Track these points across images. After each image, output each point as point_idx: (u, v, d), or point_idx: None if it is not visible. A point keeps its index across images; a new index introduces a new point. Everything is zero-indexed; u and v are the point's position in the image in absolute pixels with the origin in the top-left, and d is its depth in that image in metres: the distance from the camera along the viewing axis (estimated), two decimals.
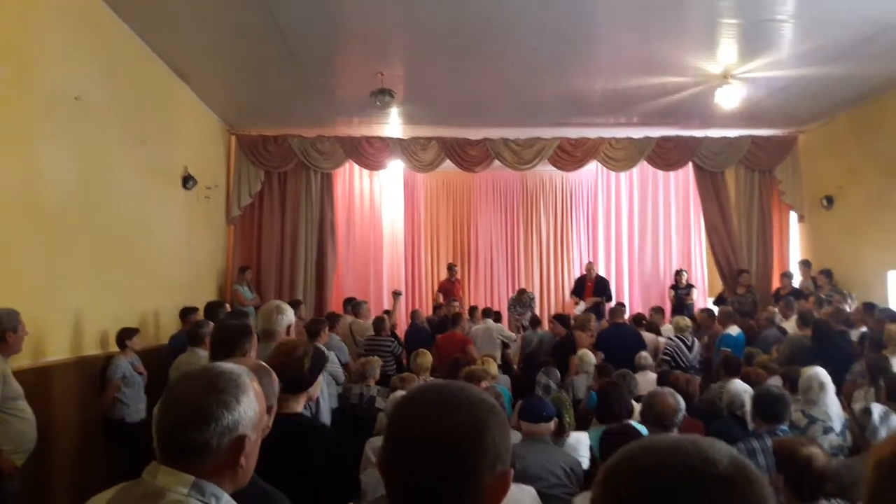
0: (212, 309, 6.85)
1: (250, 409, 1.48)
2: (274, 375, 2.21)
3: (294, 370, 2.57)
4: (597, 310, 10.44)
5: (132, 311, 6.57)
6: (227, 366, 1.55)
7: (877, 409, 3.16)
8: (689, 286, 11.32)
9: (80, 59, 5.66)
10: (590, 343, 7.63)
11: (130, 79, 6.66)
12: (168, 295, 7.60)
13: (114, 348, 5.97)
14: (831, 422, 4.16)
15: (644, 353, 6.88)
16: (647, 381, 6.03)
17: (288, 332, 3.54)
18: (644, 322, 8.41)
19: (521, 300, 11.59)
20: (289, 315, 3.56)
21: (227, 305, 7.28)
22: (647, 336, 7.96)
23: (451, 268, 11.97)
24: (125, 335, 5.92)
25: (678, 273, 11.50)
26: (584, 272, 11.94)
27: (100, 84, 5.99)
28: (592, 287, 11.50)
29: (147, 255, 7.03)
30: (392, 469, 1.13)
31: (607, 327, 8.13)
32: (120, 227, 6.38)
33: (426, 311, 11.36)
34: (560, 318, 9.03)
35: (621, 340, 7.46)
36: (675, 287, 11.37)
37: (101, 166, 6.01)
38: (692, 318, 8.94)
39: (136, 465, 1.54)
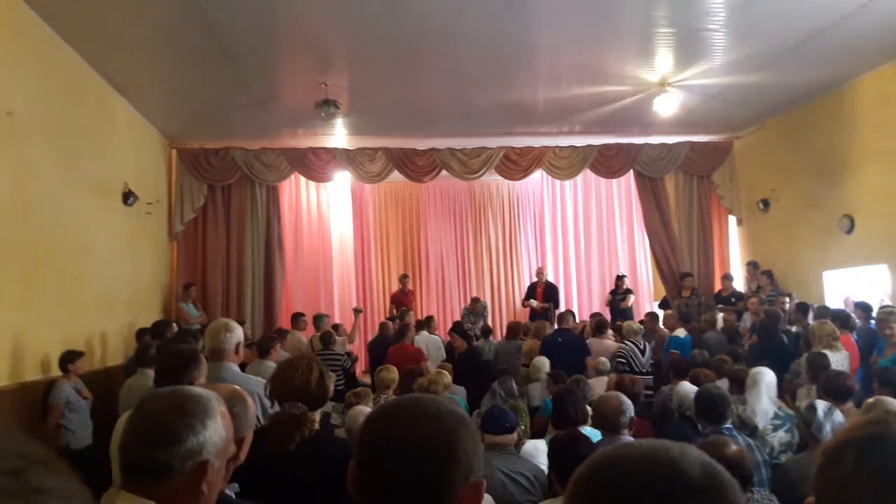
0: (159, 329, 6.66)
1: (216, 434, 1.45)
2: (250, 403, 2.12)
3: (298, 390, 2.49)
4: (546, 316, 10.59)
5: (75, 334, 6.33)
6: (198, 390, 1.54)
7: (821, 406, 3.28)
8: (627, 291, 11.55)
9: (12, 73, 5.44)
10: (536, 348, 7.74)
11: (65, 92, 6.45)
12: (111, 315, 7.36)
13: (56, 372, 5.73)
14: (756, 418, 4.30)
15: (602, 359, 6.99)
16: (601, 385, 6.13)
17: (237, 351, 3.45)
18: (605, 329, 8.49)
19: (475, 309, 11.63)
20: (237, 333, 3.47)
21: (174, 324, 7.07)
22: (608, 343, 8.04)
23: (403, 278, 11.93)
24: (68, 358, 5.70)
25: (619, 278, 11.71)
26: (536, 278, 12.07)
27: (32, 98, 5.78)
28: (542, 293, 11.63)
29: (88, 275, 6.79)
30: (365, 483, 1.12)
31: (552, 333, 8.20)
32: (57, 246, 6.14)
33: (376, 322, 11.28)
34: (457, 331, 9.15)
35: (566, 346, 7.55)
36: (613, 292, 11.57)
37: (34, 184, 5.78)
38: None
39: None
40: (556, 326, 9.04)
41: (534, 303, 11.35)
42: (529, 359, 7.59)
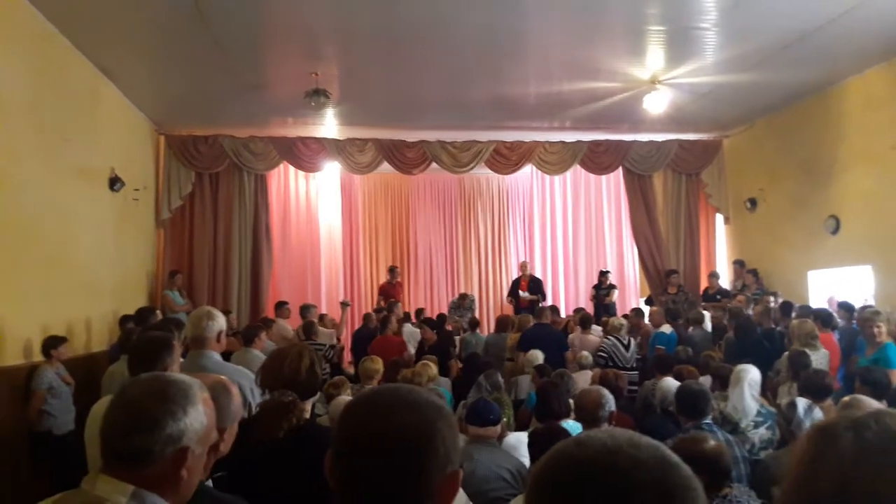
0: (142, 315, 6.62)
1: (196, 421, 1.45)
2: (235, 394, 2.10)
3: (287, 379, 2.47)
4: (531, 309, 10.61)
5: (58, 319, 6.28)
6: (180, 376, 1.54)
7: (801, 403, 3.32)
8: (611, 286, 11.61)
9: None
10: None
11: (51, 76, 6.38)
12: (96, 301, 7.32)
13: (39, 358, 5.70)
14: (738, 415, 4.34)
15: (585, 353, 7.02)
16: (585, 380, 6.16)
17: (219, 339, 3.43)
18: (589, 324, 8.53)
19: (462, 304, 11.65)
20: (220, 321, 3.45)
21: (159, 312, 7.04)
22: (591, 338, 8.08)
23: (392, 270, 11.90)
24: (51, 344, 5.67)
25: (603, 273, 11.75)
26: (519, 272, 12.10)
27: (18, 82, 5.72)
28: (526, 286, 11.68)
29: (72, 260, 6.74)
30: (342, 472, 1.12)
31: (531, 327, 8.23)
32: (41, 230, 6.09)
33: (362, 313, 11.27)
34: (427, 322, 9.32)
35: (544, 340, 7.59)
36: (597, 287, 11.62)
37: (18, 167, 5.72)
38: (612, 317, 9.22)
39: (66, 478, 1.50)
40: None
41: (526, 295, 11.38)
42: (514, 352, 7.62)
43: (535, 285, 11.65)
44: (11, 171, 5.61)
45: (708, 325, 8.48)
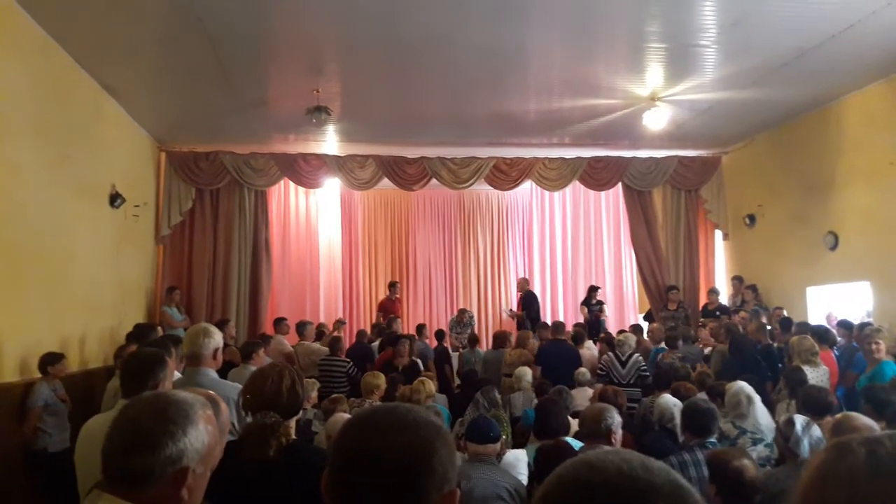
0: (143, 332, 6.58)
1: (197, 441, 1.45)
2: (223, 409, 2.09)
3: (270, 401, 2.45)
4: (523, 325, 10.62)
5: (55, 335, 6.27)
6: (182, 395, 1.53)
7: (799, 420, 3.30)
8: (600, 302, 11.58)
9: (1, 72, 5.41)
10: (527, 359, 7.74)
11: (55, 93, 6.42)
12: (94, 317, 7.31)
13: (35, 375, 5.68)
14: (762, 433, 4.32)
15: (583, 370, 7.00)
16: (584, 396, 6.14)
17: (215, 356, 3.43)
18: (581, 341, 8.51)
19: (462, 320, 11.64)
20: (216, 339, 3.45)
21: (160, 329, 7.02)
22: (585, 352, 8.08)
23: (392, 286, 11.88)
24: (47, 361, 5.65)
25: (593, 289, 11.67)
26: (518, 289, 12.13)
27: (21, 98, 5.75)
28: (519, 302, 11.71)
29: (71, 277, 6.73)
30: (339, 490, 1.12)
31: (547, 343, 8.22)
32: (40, 246, 6.09)
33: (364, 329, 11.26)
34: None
35: (559, 356, 7.58)
36: (586, 303, 11.57)
37: (20, 183, 5.74)
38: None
39: (61, 497, 1.50)
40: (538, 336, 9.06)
41: (509, 310, 11.42)
42: (513, 369, 7.60)
43: (526, 302, 11.63)
44: (13, 188, 5.63)
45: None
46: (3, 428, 5.31)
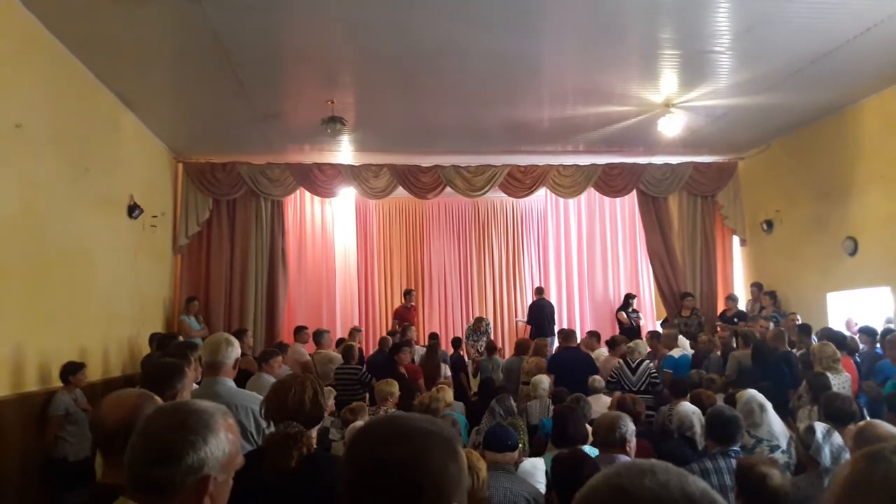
0: (164, 342, 6.65)
1: (218, 449, 1.47)
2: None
3: (293, 411, 2.49)
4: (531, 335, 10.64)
5: (75, 345, 6.34)
6: (203, 404, 1.55)
7: (819, 428, 3.27)
8: (636, 311, 11.55)
9: (22, 86, 5.52)
10: (543, 367, 7.73)
11: (74, 106, 6.52)
12: (114, 327, 7.39)
13: (57, 384, 5.74)
14: (777, 440, 4.28)
15: (597, 377, 6.97)
16: (600, 404, 6.10)
17: (234, 367, 3.47)
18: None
19: (478, 328, 11.62)
20: (237, 349, 3.49)
21: (180, 337, 7.10)
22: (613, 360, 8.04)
23: (408, 294, 11.86)
24: (69, 370, 5.71)
25: (630, 297, 11.68)
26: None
27: (42, 111, 5.84)
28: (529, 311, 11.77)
29: (91, 287, 6.82)
30: (348, 499, 1.14)
31: (559, 351, 8.19)
32: (62, 257, 6.18)
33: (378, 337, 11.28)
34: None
35: (572, 363, 7.55)
36: (624, 308, 11.54)
37: (41, 196, 5.84)
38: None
39: None
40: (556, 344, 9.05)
41: (519, 319, 11.47)
42: (531, 377, 7.57)
43: (532, 311, 11.63)
44: (35, 200, 5.72)
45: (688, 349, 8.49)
46: (24, 437, 5.37)
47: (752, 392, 4.56)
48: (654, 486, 0.83)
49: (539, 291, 12.05)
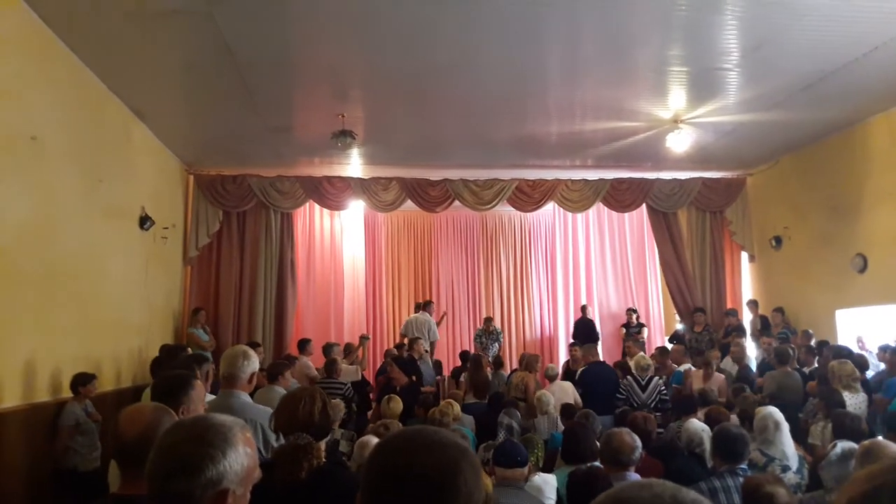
0: (173, 354, 6.66)
1: (237, 463, 1.49)
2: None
3: (302, 423, 2.52)
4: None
5: (86, 356, 6.37)
6: (221, 418, 1.57)
7: (840, 446, 3.24)
8: (640, 325, 11.52)
9: (37, 99, 5.59)
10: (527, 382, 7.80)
11: (87, 118, 6.59)
12: (124, 338, 7.42)
13: (67, 394, 5.78)
14: (787, 460, 4.25)
15: (552, 364, 6.98)
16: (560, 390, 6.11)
17: (250, 381, 3.47)
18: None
19: (489, 329, 11.59)
20: (254, 363, 3.47)
21: (189, 349, 7.12)
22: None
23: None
24: (80, 380, 5.74)
25: (631, 311, 11.68)
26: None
27: (56, 124, 5.91)
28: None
29: (102, 298, 6.86)
30: None
31: (588, 365, 8.19)
32: (74, 268, 6.23)
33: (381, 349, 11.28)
34: (398, 362, 9.13)
35: (601, 379, 7.65)
36: (626, 326, 11.55)
37: (55, 207, 5.89)
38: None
39: None
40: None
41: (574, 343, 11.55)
42: (520, 391, 7.57)
43: (579, 328, 11.80)
44: (49, 211, 5.77)
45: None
46: (35, 447, 5.40)
47: (771, 409, 4.53)
48: (647, 494, 0.91)
49: (583, 309, 12.10)
